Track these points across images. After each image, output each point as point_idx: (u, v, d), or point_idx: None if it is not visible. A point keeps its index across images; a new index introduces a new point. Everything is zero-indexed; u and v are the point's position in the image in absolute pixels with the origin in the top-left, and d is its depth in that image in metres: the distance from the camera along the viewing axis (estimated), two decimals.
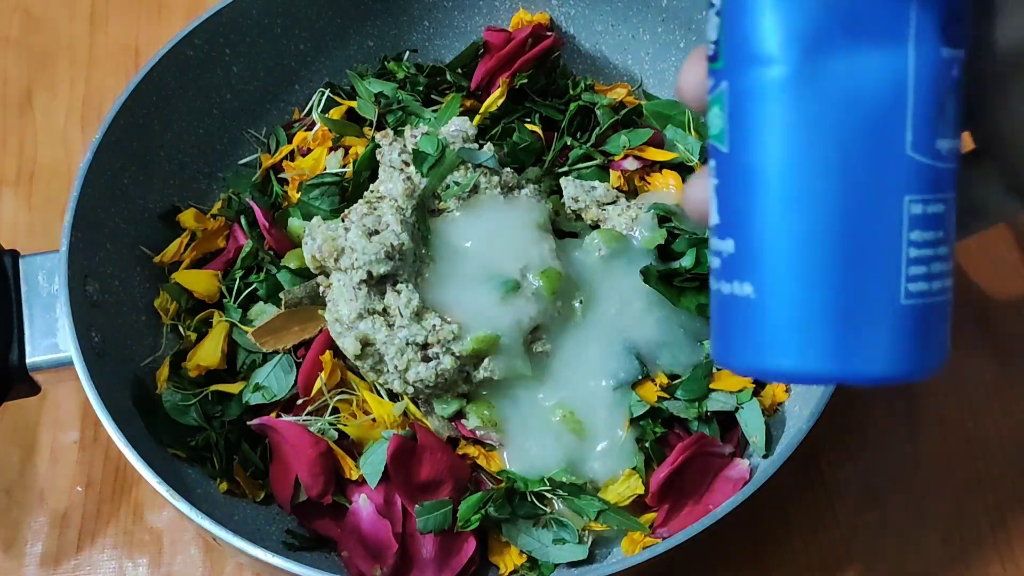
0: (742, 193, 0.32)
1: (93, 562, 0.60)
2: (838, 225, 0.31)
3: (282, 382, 0.57)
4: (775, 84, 0.31)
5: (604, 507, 0.54)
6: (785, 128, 0.31)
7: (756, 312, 0.32)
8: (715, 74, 0.33)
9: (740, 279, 0.32)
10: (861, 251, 0.31)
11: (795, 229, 0.31)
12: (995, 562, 0.59)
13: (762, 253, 0.32)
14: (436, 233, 0.59)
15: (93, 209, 0.58)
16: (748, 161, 0.32)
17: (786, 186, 0.31)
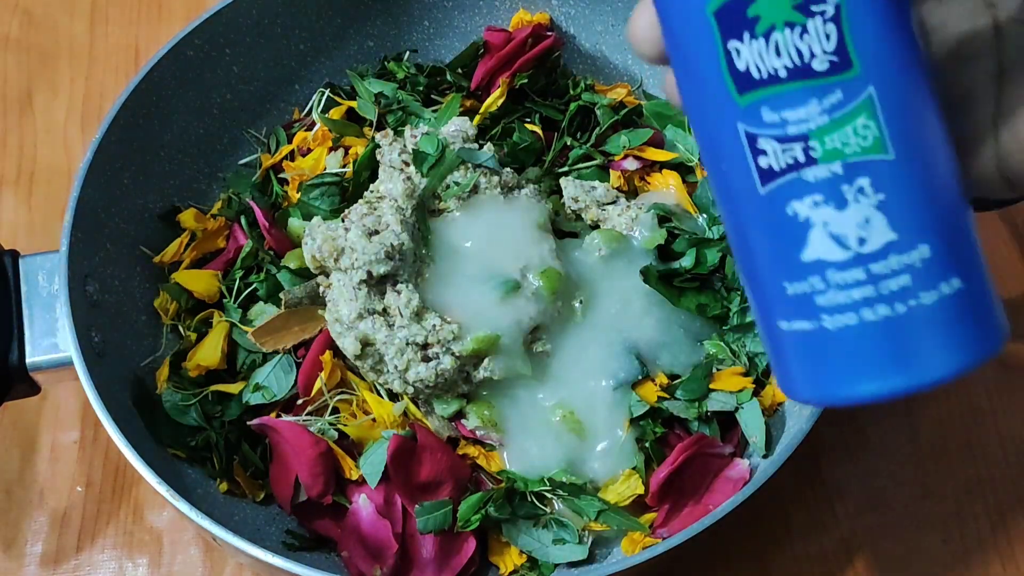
0: (921, 191, 0.31)
1: (93, 562, 0.60)
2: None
3: (282, 382, 0.57)
4: (924, 84, 0.32)
5: (604, 507, 0.54)
6: (941, 125, 0.32)
7: (972, 296, 0.32)
8: (843, 85, 0.31)
9: (947, 277, 0.32)
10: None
11: (965, 221, 0.33)
12: (995, 563, 0.59)
13: (955, 247, 0.32)
14: (436, 233, 0.59)
15: (93, 209, 0.58)
16: (919, 155, 0.31)
17: (955, 179, 0.32)
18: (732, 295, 0.59)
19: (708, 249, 0.60)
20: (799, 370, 0.34)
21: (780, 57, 0.30)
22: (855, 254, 0.31)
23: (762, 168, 0.32)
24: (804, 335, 0.33)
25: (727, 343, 0.58)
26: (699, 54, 0.32)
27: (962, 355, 0.32)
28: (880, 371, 0.32)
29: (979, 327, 0.33)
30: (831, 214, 0.31)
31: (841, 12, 0.30)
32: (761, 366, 0.58)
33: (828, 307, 0.32)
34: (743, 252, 0.34)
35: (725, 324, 0.59)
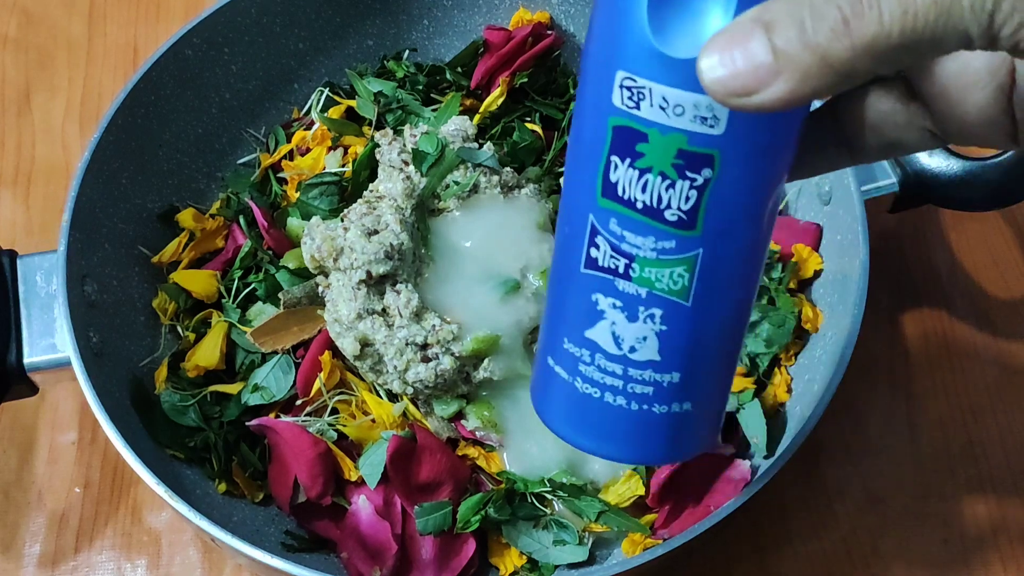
0: (697, 337, 0.37)
1: (91, 563, 0.59)
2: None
3: (281, 382, 0.57)
4: (751, 254, 0.36)
5: (604, 508, 0.54)
6: (751, 286, 0.37)
7: (693, 419, 0.39)
8: (680, 239, 0.34)
9: (681, 401, 0.38)
10: None
11: (727, 362, 0.39)
12: (996, 563, 0.59)
13: (702, 383, 0.38)
14: (436, 233, 0.59)
15: (91, 209, 0.58)
16: (711, 311, 0.36)
17: (745, 316, 0.38)
18: None
19: None
20: (545, 395, 0.40)
21: (643, 193, 0.34)
22: (623, 355, 0.37)
23: (590, 256, 0.36)
24: (560, 379, 0.39)
25: None
26: (590, 146, 0.35)
27: (659, 453, 0.40)
28: (594, 435, 0.39)
29: (685, 440, 0.39)
30: (621, 319, 0.36)
31: (708, 186, 0.33)
32: (762, 367, 0.58)
33: (585, 375, 0.38)
34: (551, 297, 0.39)
35: None
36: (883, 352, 0.65)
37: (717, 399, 0.40)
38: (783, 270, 0.59)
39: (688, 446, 0.40)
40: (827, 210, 0.60)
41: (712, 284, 0.35)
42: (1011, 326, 0.67)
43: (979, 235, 0.70)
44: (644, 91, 0.32)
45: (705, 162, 0.33)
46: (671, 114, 0.32)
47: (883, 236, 0.67)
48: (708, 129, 0.32)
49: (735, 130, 0.32)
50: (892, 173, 0.61)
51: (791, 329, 0.58)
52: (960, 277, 0.68)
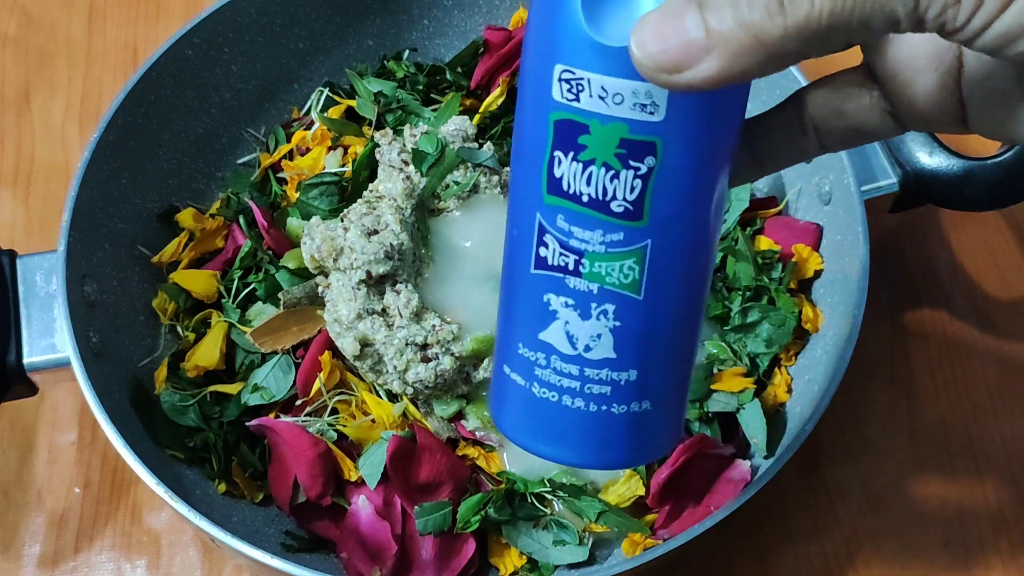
0: (651, 332, 0.37)
1: (91, 563, 0.59)
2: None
3: (281, 383, 0.57)
4: (701, 244, 0.36)
5: (604, 508, 0.53)
6: (702, 279, 0.37)
7: (653, 418, 0.38)
8: (627, 230, 0.34)
9: (640, 400, 0.38)
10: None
11: (683, 357, 0.39)
12: (997, 565, 0.59)
13: (659, 380, 0.38)
14: (436, 233, 0.59)
15: (91, 209, 0.58)
16: (664, 304, 0.36)
17: (699, 313, 0.38)
18: (733, 295, 0.59)
19: None
20: (502, 404, 0.40)
21: (588, 186, 0.34)
22: (578, 355, 0.37)
23: (539, 255, 0.36)
24: (516, 386, 0.39)
25: (728, 343, 0.58)
26: (533, 144, 0.35)
27: (618, 456, 0.39)
28: (553, 441, 0.39)
29: (645, 442, 0.39)
30: (574, 318, 0.36)
31: (652, 175, 0.33)
32: (762, 367, 0.58)
33: (541, 379, 0.38)
34: (503, 301, 0.39)
35: (726, 324, 0.59)
36: (883, 352, 0.65)
37: (677, 397, 0.39)
38: (783, 270, 0.59)
39: (649, 448, 0.40)
40: (827, 210, 0.60)
41: (663, 276, 0.35)
42: (1012, 326, 0.67)
43: (979, 235, 0.70)
44: (583, 82, 0.33)
45: (647, 150, 0.33)
46: (611, 103, 0.32)
47: (883, 236, 0.67)
48: (648, 116, 0.32)
49: (675, 116, 0.33)
50: (892, 173, 0.60)
51: (791, 329, 0.58)
52: (960, 277, 0.68)
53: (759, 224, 0.62)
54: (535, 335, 0.37)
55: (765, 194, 0.65)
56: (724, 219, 0.62)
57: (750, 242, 0.61)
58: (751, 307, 0.58)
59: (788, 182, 0.64)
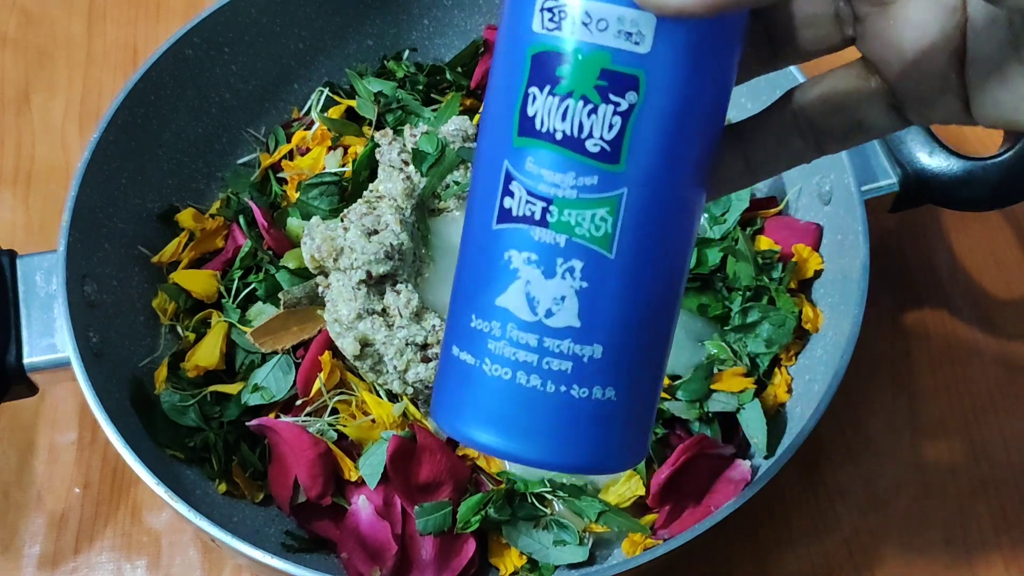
0: (621, 300, 0.33)
1: (91, 563, 0.59)
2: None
3: (281, 383, 0.57)
4: (682, 204, 0.33)
5: (605, 508, 0.53)
6: (681, 250, 0.34)
7: (617, 414, 0.34)
8: (602, 174, 0.32)
9: (604, 384, 0.34)
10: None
11: (656, 342, 0.35)
12: (998, 565, 0.59)
13: (627, 364, 0.34)
14: (436, 233, 0.59)
15: (91, 209, 0.58)
16: (637, 269, 0.33)
17: (675, 295, 0.35)
18: (733, 295, 0.59)
19: (709, 249, 0.60)
20: (445, 395, 0.35)
21: (563, 121, 0.32)
22: (538, 321, 0.33)
23: (504, 207, 0.33)
24: (464, 367, 0.34)
25: (728, 343, 0.58)
26: (507, 84, 0.33)
27: (575, 455, 0.34)
28: (501, 429, 0.34)
29: (606, 441, 0.34)
30: (536, 277, 0.33)
31: (632, 112, 0.31)
32: (763, 367, 0.58)
33: (493, 354, 0.34)
34: (458, 272, 0.36)
35: (726, 324, 0.59)
36: (884, 352, 0.65)
37: (644, 397, 0.35)
38: (783, 270, 0.59)
39: (609, 452, 0.35)
40: (827, 210, 0.60)
41: (638, 234, 0.33)
42: (1012, 326, 0.66)
43: (980, 235, 0.70)
44: (565, 9, 0.31)
45: (629, 84, 0.31)
46: (594, 30, 0.31)
47: (883, 236, 0.67)
48: (633, 47, 0.31)
49: (661, 50, 0.31)
50: (892, 173, 0.60)
51: (791, 329, 0.58)
52: (961, 277, 0.68)
53: (759, 224, 0.62)
54: (491, 301, 0.34)
55: (765, 194, 0.65)
56: (724, 218, 0.62)
57: (750, 242, 0.61)
58: (751, 307, 0.58)
59: (788, 182, 0.63)
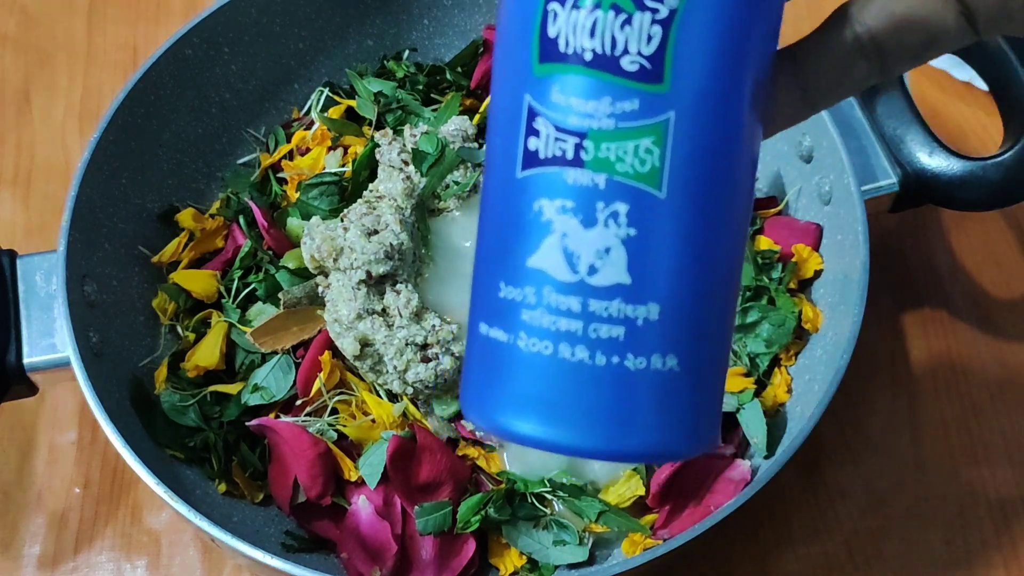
0: (678, 248, 0.28)
1: (91, 563, 0.59)
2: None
3: (281, 383, 0.57)
4: (738, 130, 0.28)
5: (605, 508, 0.53)
6: (743, 182, 0.29)
7: (682, 386, 0.29)
8: (644, 97, 0.27)
9: (663, 352, 0.28)
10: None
11: (722, 297, 0.29)
12: (998, 565, 0.59)
13: (690, 325, 0.28)
14: (436, 233, 0.59)
15: (91, 209, 0.58)
16: (694, 209, 0.28)
17: (739, 239, 0.29)
18: None
19: None
20: (475, 383, 0.30)
21: (593, 38, 0.27)
22: (580, 281, 0.28)
23: (529, 150, 0.28)
24: (496, 346, 0.29)
25: None
26: (522, 5, 0.28)
27: (636, 440, 0.29)
28: (545, 416, 0.28)
29: (671, 421, 0.29)
30: (574, 227, 0.28)
31: (674, 19, 0.27)
32: (762, 367, 0.57)
33: (530, 326, 0.28)
34: (481, 235, 0.30)
35: None
36: (884, 352, 0.65)
37: (713, 361, 0.30)
38: (783, 270, 0.59)
39: (680, 431, 0.29)
40: (827, 210, 0.60)
41: (692, 166, 0.27)
42: (1013, 326, 0.66)
43: (980, 235, 0.70)
44: None
45: None
46: None
47: (883, 236, 0.67)
48: None
49: None
50: (892, 173, 0.60)
51: (791, 329, 0.58)
52: (961, 277, 0.68)
53: (759, 224, 0.62)
54: (523, 263, 0.28)
55: (765, 194, 0.65)
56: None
57: (750, 242, 0.61)
58: (751, 307, 0.58)
59: (788, 182, 0.63)
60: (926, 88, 0.75)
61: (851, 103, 0.62)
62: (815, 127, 0.60)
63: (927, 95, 0.75)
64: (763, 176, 0.65)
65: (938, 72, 0.76)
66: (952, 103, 0.75)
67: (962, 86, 0.75)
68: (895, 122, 0.61)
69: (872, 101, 0.62)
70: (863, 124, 0.62)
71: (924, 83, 0.75)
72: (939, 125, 0.72)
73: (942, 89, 0.75)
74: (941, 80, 0.76)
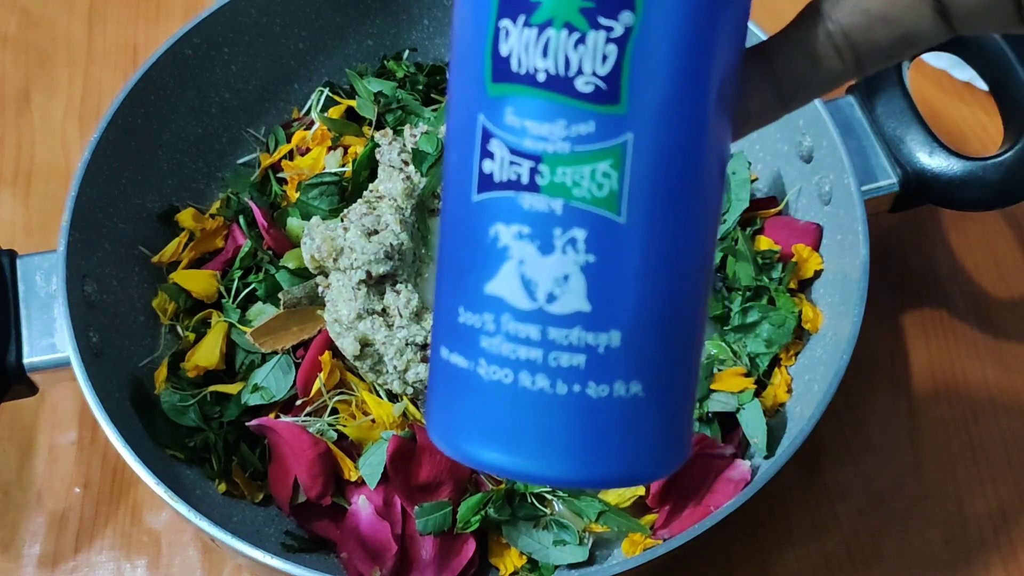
0: (639, 273, 0.27)
1: (91, 563, 0.59)
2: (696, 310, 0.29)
3: (281, 383, 0.57)
4: (701, 152, 0.27)
5: (604, 508, 0.53)
6: (707, 203, 0.28)
7: (647, 412, 0.28)
8: (600, 119, 0.26)
9: (627, 378, 0.27)
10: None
11: (687, 318, 0.28)
12: (997, 564, 0.59)
13: (653, 348, 0.28)
14: (436, 233, 0.59)
15: (91, 209, 0.58)
16: (654, 232, 0.27)
17: (704, 260, 0.28)
18: (733, 295, 0.59)
19: None
20: (438, 406, 0.30)
21: (545, 58, 0.26)
22: (538, 308, 0.27)
23: (484, 173, 0.27)
24: (457, 371, 0.28)
25: (728, 343, 0.58)
26: (474, 19, 0.27)
27: (602, 467, 0.28)
28: (507, 444, 0.28)
29: (637, 446, 0.28)
30: (532, 254, 0.27)
31: (630, 37, 0.25)
32: (762, 367, 0.58)
33: (489, 353, 0.28)
34: (440, 258, 0.30)
35: (726, 324, 0.59)
36: (884, 352, 0.65)
37: (679, 384, 0.29)
38: (783, 270, 0.59)
39: (645, 456, 0.28)
40: (827, 210, 0.60)
41: (652, 189, 0.26)
42: (1012, 326, 0.66)
43: (980, 235, 0.70)
44: None
45: (623, 1, 0.25)
46: None
47: (883, 236, 0.67)
48: None
49: None
50: (892, 173, 0.60)
51: (791, 329, 0.58)
52: (961, 277, 0.68)
53: (759, 224, 0.62)
54: (480, 289, 0.28)
55: (765, 194, 0.65)
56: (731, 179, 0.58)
57: (750, 242, 0.61)
58: (751, 307, 0.58)
59: (788, 182, 0.63)
60: (926, 88, 0.75)
61: (851, 103, 0.62)
62: (815, 127, 0.60)
63: (927, 95, 0.75)
64: (763, 176, 0.65)
65: (938, 72, 0.76)
66: (952, 103, 0.75)
67: (962, 86, 0.75)
68: (895, 122, 0.61)
69: (872, 101, 0.62)
70: (863, 124, 0.62)
71: (924, 83, 0.75)
72: (939, 125, 0.72)
73: (942, 89, 0.75)
74: (941, 80, 0.76)
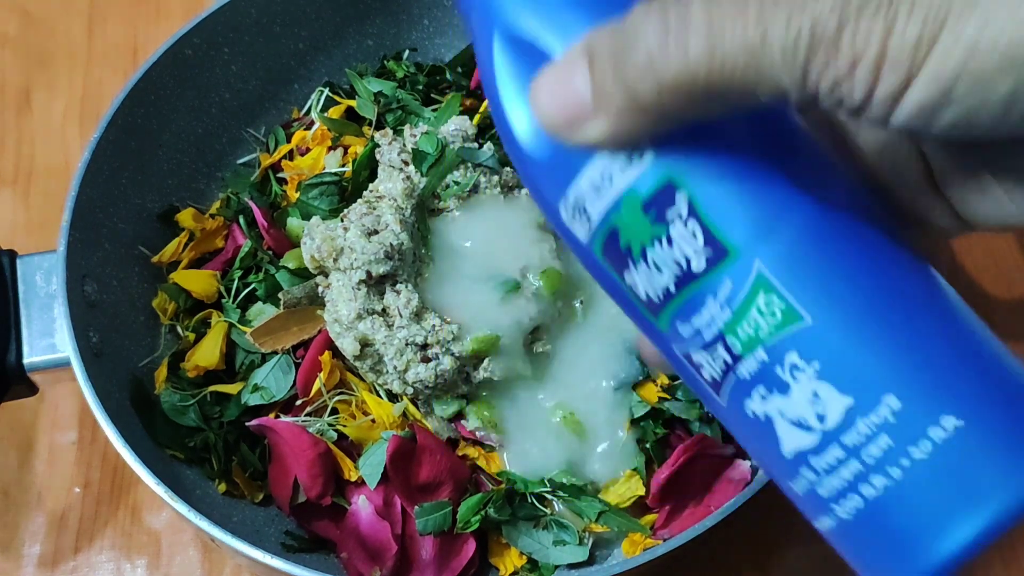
0: (867, 344, 0.28)
1: (91, 563, 0.59)
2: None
3: (281, 383, 0.57)
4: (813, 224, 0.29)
5: (605, 508, 0.53)
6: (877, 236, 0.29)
7: (979, 428, 0.27)
8: (728, 272, 0.29)
9: (933, 421, 0.27)
10: None
11: (944, 323, 0.29)
12: (997, 563, 0.59)
13: (957, 374, 0.28)
14: (436, 233, 0.59)
15: (91, 209, 0.58)
16: (849, 308, 0.28)
17: (902, 288, 0.29)
18: None
19: None
20: (860, 562, 0.30)
21: (662, 273, 0.29)
22: (822, 433, 0.28)
23: (708, 381, 0.30)
24: (836, 530, 0.30)
25: None
26: (617, 294, 0.31)
27: (992, 506, 0.27)
28: (924, 540, 0.28)
29: (997, 468, 0.27)
30: (780, 402, 0.29)
31: (695, 205, 0.28)
32: None
33: (831, 496, 0.29)
34: (746, 449, 0.32)
35: None
36: None
37: (985, 394, 0.28)
38: None
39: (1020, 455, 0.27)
40: None
41: (807, 283, 0.28)
42: (1012, 327, 0.66)
43: (979, 235, 0.70)
44: (576, 203, 0.30)
45: (668, 194, 0.29)
46: (604, 185, 0.29)
47: None
48: (640, 163, 0.29)
49: (667, 148, 0.29)
50: None
51: None
52: (961, 278, 0.68)
53: None
54: (783, 459, 0.29)
55: None
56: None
57: None
58: None
59: None
60: None
61: None
62: None
63: None
64: None
65: None
66: None
67: None
68: None
69: None
70: None
71: None
72: None
73: None
74: None
